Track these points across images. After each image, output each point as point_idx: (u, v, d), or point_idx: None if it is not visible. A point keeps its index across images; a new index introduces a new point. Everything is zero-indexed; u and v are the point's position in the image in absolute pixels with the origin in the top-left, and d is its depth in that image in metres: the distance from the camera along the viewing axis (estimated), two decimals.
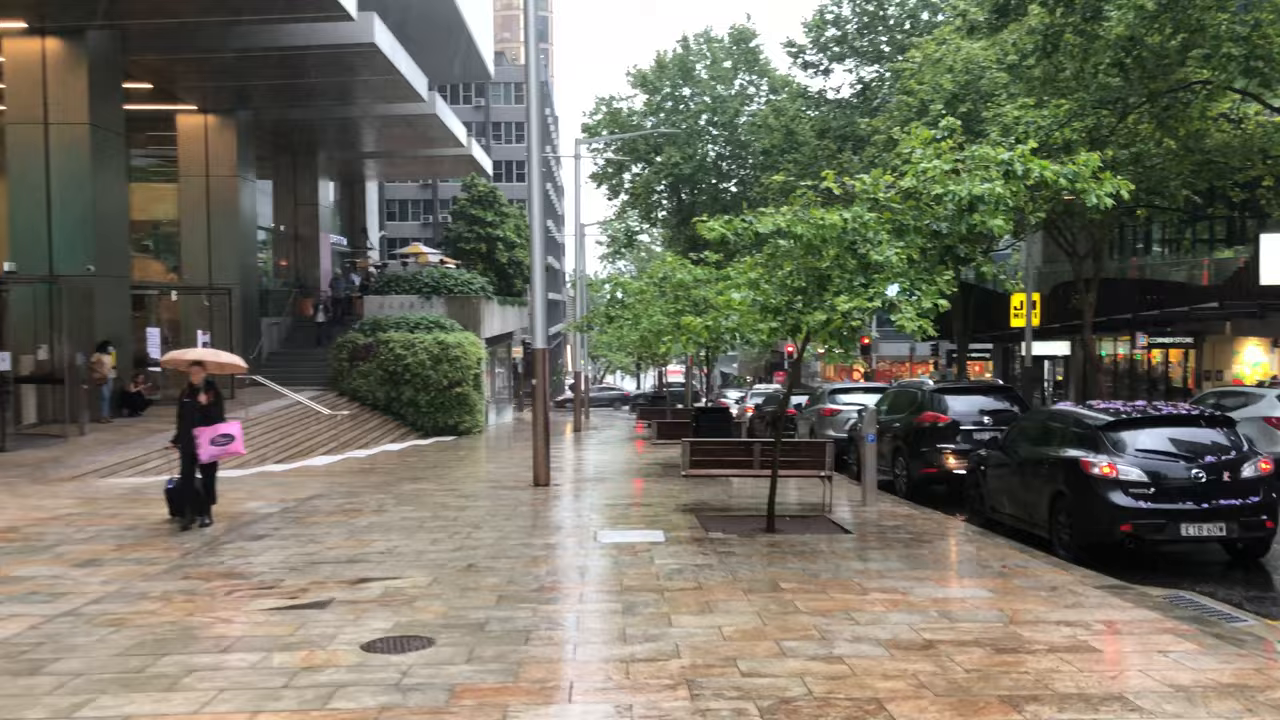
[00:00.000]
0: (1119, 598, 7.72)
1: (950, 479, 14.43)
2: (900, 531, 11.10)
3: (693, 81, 49.35)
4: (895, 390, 16.76)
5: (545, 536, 10.78)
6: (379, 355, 29.27)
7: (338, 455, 22.52)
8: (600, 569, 9.05)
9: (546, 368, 15.62)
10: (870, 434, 13.16)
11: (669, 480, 16.67)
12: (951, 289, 9.57)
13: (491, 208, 40.32)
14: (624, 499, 14.18)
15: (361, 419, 28.21)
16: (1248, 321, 26.75)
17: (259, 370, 29.86)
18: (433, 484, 16.06)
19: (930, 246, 10.04)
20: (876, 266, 9.67)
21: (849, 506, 13.10)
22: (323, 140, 36.10)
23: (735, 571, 8.76)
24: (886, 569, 8.89)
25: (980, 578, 8.53)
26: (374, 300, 33.09)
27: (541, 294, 15.50)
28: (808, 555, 9.56)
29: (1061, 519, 9.90)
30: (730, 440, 14.00)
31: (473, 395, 30.18)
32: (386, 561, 9.38)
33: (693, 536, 10.66)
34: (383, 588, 8.23)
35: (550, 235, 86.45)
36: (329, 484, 16.15)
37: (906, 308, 9.16)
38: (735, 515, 12.31)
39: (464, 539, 10.60)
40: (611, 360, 63.74)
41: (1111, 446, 9.56)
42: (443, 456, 22.33)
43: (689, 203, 49.24)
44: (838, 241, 9.76)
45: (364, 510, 12.84)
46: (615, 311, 24.89)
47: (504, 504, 13.38)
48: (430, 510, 12.79)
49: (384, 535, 10.88)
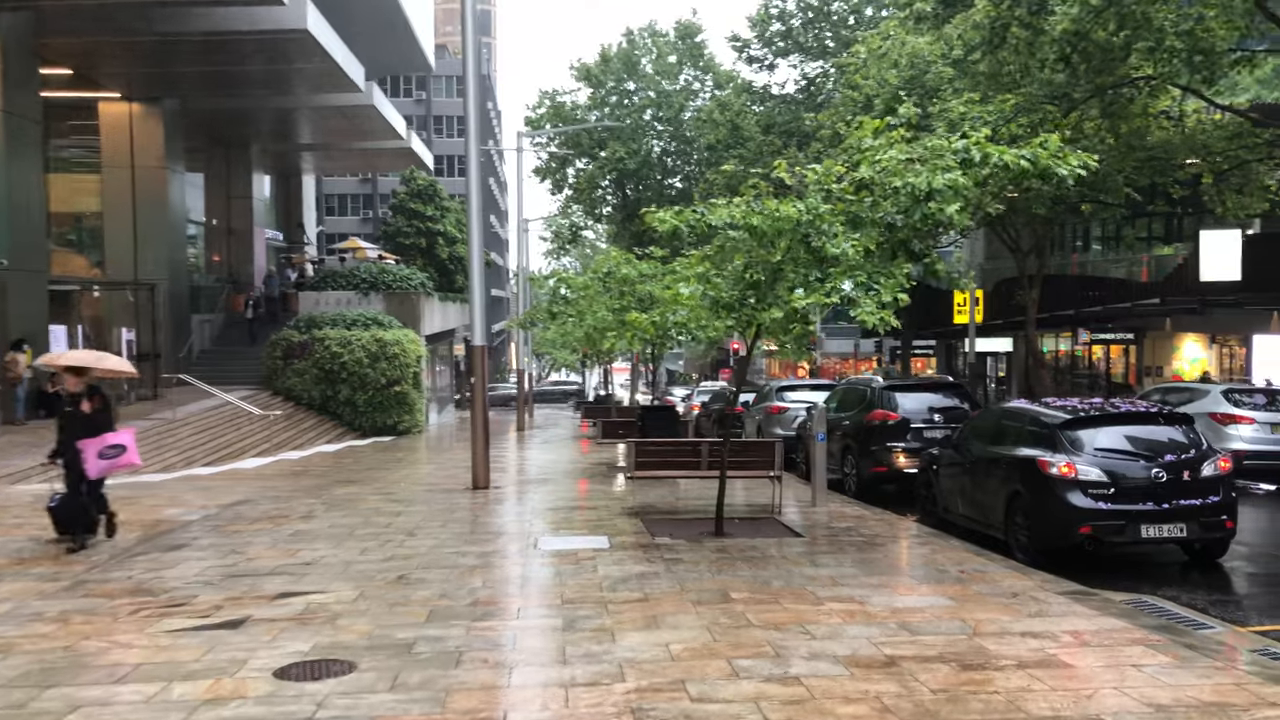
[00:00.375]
0: (1083, 604, 7.39)
1: (901, 478, 14.12)
2: (852, 534, 10.73)
3: (638, 76, 48.86)
4: (844, 387, 16.43)
5: (482, 544, 10.22)
6: (314, 353, 28.35)
7: (270, 457, 21.67)
8: (540, 579, 8.53)
9: (486, 365, 15.03)
10: (820, 433, 12.78)
11: (614, 481, 16.20)
12: (909, 284, 9.19)
13: (432, 202, 39.44)
14: (567, 502, 13.66)
15: (296, 419, 27.30)
16: (1187, 318, 27.00)
17: (189, 369, 28.88)
18: (367, 487, 15.39)
19: (884, 240, 9.68)
20: (832, 260, 9.27)
21: (798, 507, 12.72)
22: (256, 132, 34.98)
23: (683, 581, 8.29)
24: (841, 575, 8.48)
25: (938, 584, 8.16)
26: (309, 296, 32.12)
27: (481, 288, 14.91)
28: (758, 561, 9.12)
29: (1018, 520, 9.58)
30: (677, 440, 13.55)
31: (412, 394, 29.39)
32: (311, 574, 8.76)
33: (638, 542, 10.18)
34: (304, 604, 7.63)
35: (493, 231, 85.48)
36: (258, 488, 15.40)
37: (866, 301, 8.76)
38: (682, 518, 11.85)
39: (396, 548, 10.00)
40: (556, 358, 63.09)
41: (1069, 445, 9.26)
42: (380, 458, 21.60)
43: (634, 199, 48.74)
44: (791, 234, 9.34)
45: (291, 517, 12.16)
46: (559, 308, 24.34)
47: (440, 509, 12.78)
48: (362, 516, 12.15)
49: (310, 544, 10.24)
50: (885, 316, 8.78)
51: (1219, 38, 16.97)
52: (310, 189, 45.99)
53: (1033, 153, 9.38)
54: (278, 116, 32.92)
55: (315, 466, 19.65)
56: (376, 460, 20.93)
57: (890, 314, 8.83)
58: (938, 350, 44.70)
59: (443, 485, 15.64)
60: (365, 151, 40.24)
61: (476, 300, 14.94)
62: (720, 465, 11.04)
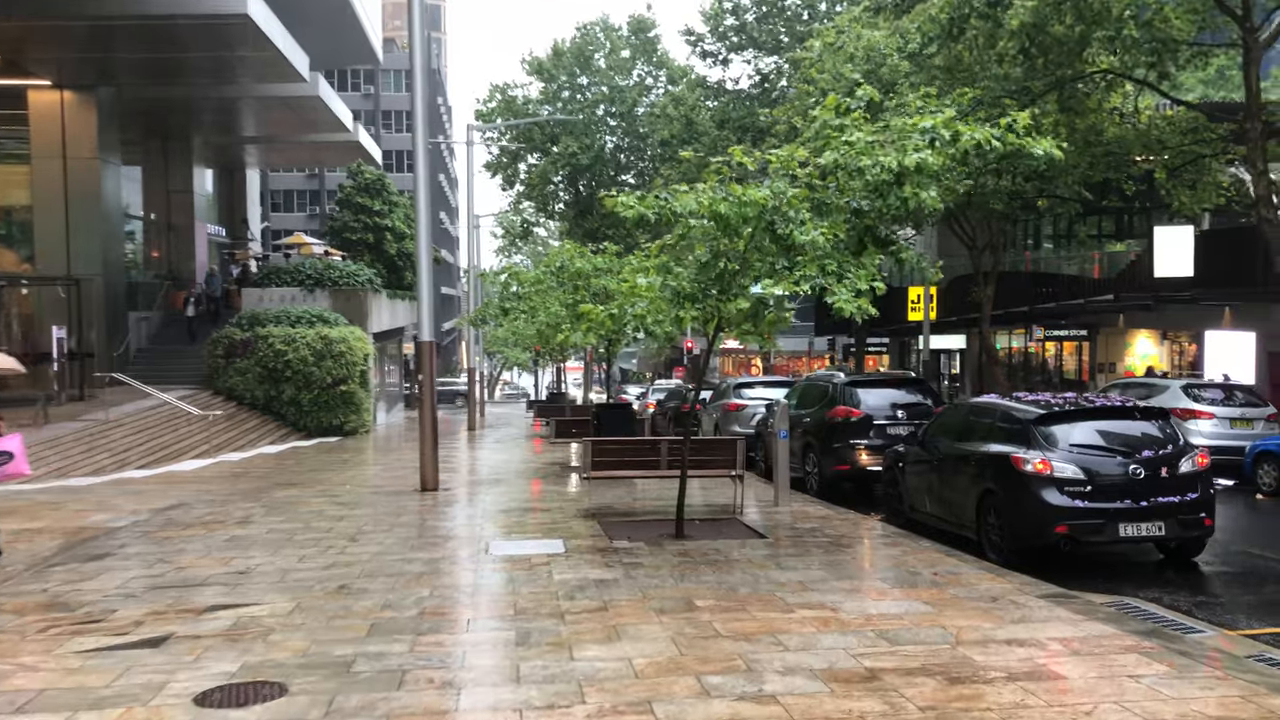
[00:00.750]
0: (1065, 608, 7.02)
1: (864, 476, 13.77)
2: (818, 535, 10.32)
3: (590, 71, 48.32)
4: (804, 384, 16.05)
5: (430, 549, 9.65)
6: (257, 351, 27.43)
7: (209, 459, 20.82)
8: (492, 588, 7.99)
9: (434, 362, 14.43)
10: (783, 430, 12.37)
11: (569, 482, 15.68)
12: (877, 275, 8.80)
13: (380, 196, 38.46)
14: (520, 503, 13.11)
15: (238, 419, 26.39)
16: (1140, 314, 27.07)
17: (126, 368, 27.82)
18: (309, 490, 14.71)
19: (850, 227, 9.27)
20: (799, 248, 8.84)
21: (760, 507, 12.29)
22: (197, 123, 33.83)
23: (644, 587, 7.80)
24: (810, 580, 8.05)
25: (913, 588, 7.75)
26: (253, 293, 31.13)
27: (429, 282, 14.30)
28: (723, 565, 8.66)
29: (991, 520, 9.23)
30: (635, 439, 13.06)
31: (359, 393, 28.58)
32: (244, 584, 8.14)
33: (595, 546, 9.67)
34: (234, 618, 7.02)
35: (442, 227, 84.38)
36: (194, 491, 14.65)
37: (840, 289, 8.33)
38: (641, 520, 11.36)
39: (337, 554, 9.40)
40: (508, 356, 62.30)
41: (1044, 441, 8.91)
42: (324, 459, 20.86)
43: (587, 195, 48.22)
44: (756, 221, 8.90)
45: (227, 522, 11.48)
46: (510, 304, 23.76)
47: (386, 512, 12.17)
48: (302, 521, 11.50)
49: (246, 551, 9.60)
50: (863, 304, 8.37)
51: (1176, 29, 16.87)
52: (255, 184, 44.78)
53: (1001, 133, 9.05)
54: (219, 107, 31.84)
55: (257, 468, 18.87)
56: (321, 461, 20.19)
57: (867, 301, 8.42)
58: (891, 348, 44.70)
59: (389, 487, 15.01)
60: (311, 145, 39.20)
61: (424, 295, 14.33)
62: (681, 465, 10.58)
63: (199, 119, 33.28)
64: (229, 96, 30.23)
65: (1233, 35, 18.95)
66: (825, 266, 8.72)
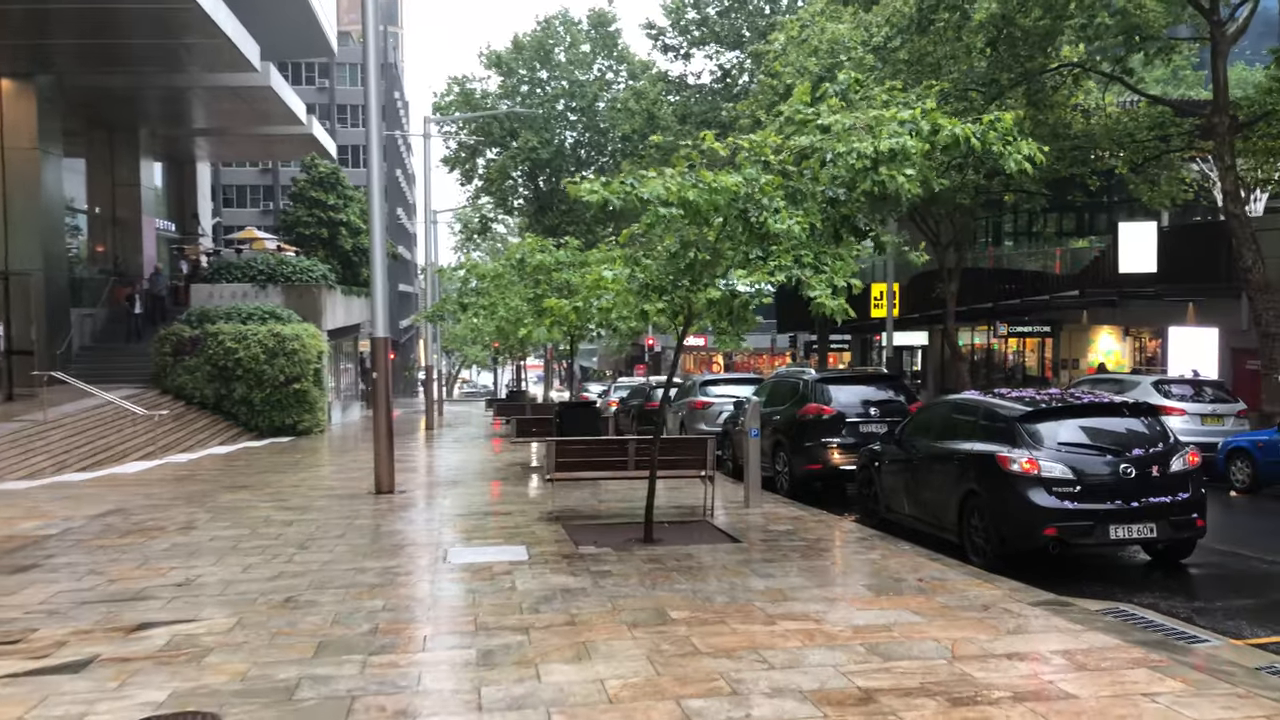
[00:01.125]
0: (1062, 617, 6.62)
1: (836, 475, 13.37)
2: (793, 538, 9.88)
3: (551, 65, 47.66)
4: (774, 381, 15.63)
5: (384, 558, 9.07)
6: (207, 349, 26.57)
7: (155, 461, 20.00)
8: (451, 599, 7.45)
9: (388, 359, 13.82)
10: (754, 429, 11.93)
11: (531, 483, 15.14)
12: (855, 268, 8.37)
13: (334, 190, 37.58)
14: (480, 507, 12.55)
15: (187, 419, 25.52)
16: (1104, 310, 27.04)
17: (68, 366, 26.82)
18: (258, 494, 14.03)
19: (826, 216, 8.84)
20: (773, 237, 8.39)
21: (731, 508, 11.84)
22: (144, 113, 32.76)
23: (614, 597, 7.31)
24: (789, 587, 7.60)
25: (898, 595, 7.33)
26: (203, 289, 30.22)
27: (383, 274, 13.69)
28: (696, 572, 8.19)
29: (974, 522, 8.84)
30: (601, 439, 12.55)
31: (313, 392, 27.78)
32: (182, 597, 7.54)
33: (561, 552, 9.16)
34: (168, 636, 6.43)
35: (399, 223, 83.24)
36: (135, 495, 13.91)
37: (818, 284, 7.88)
38: (608, 524, 10.87)
39: (285, 563, 8.80)
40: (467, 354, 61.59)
41: (1030, 440, 8.53)
42: (276, 460, 20.12)
43: (547, 190, 47.61)
44: (728, 209, 8.43)
45: (168, 528, 10.81)
46: (469, 299, 23.15)
47: (339, 517, 11.56)
48: (249, 527, 10.86)
49: (187, 561, 8.97)
50: (842, 303, 7.93)
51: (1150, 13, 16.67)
52: (206, 177, 43.60)
53: (982, 130, 8.66)
54: (167, 97, 30.82)
55: (204, 470, 18.11)
56: (272, 463, 19.46)
57: (844, 300, 7.99)
58: (853, 345, 44.57)
59: (343, 490, 14.38)
60: (264, 138, 38.19)
61: (379, 288, 13.71)
62: (649, 465, 10.09)
63: (146, 109, 32.23)
64: (177, 86, 29.26)
65: (1199, 29, 18.86)
66: (801, 257, 8.28)
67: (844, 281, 8.03)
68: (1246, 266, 17.31)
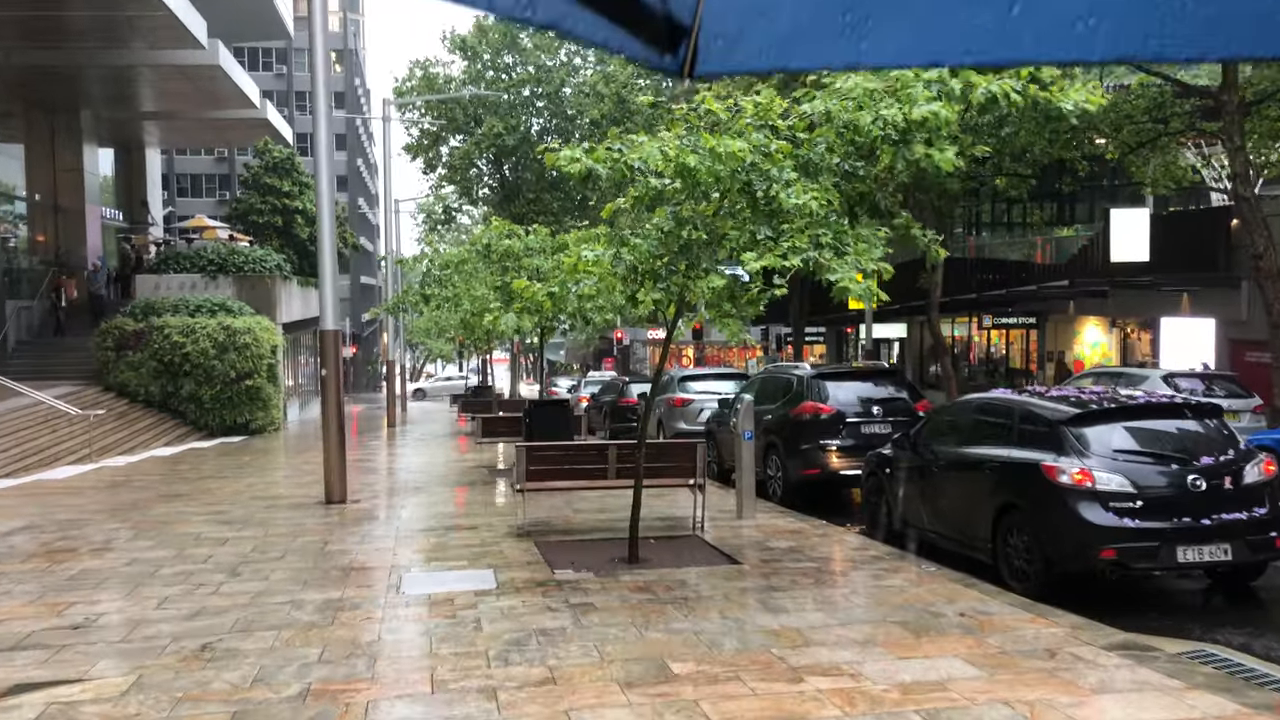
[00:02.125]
0: (1149, 667, 5.45)
1: (835, 481, 12.21)
2: (798, 557, 8.68)
3: (517, 50, 46.14)
4: (763, 376, 14.42)
5: (328, 586, 7.76)
6: (152, 343, 24.96)
7: (89, 465, 18.47)
8: (403, 646, 6.16)
9: (339, 353, 12.49)
10: (747, 430, 10.72)
11: (497, 489, 13.85)
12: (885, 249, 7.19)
13: (289, 177, 35.92)
14: (442, 519, 11.24)
15: (130, 418, 23.94)
16: (1091, 301, 26.13)
17: (4, 362, 25.18)
18: (194, 504, 12.62)
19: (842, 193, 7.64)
20: (784, 214, 7.18)
21: (722, 520, 10.63)
22: (86, 94, 30.94)
23: (601, 641, 6.06)
24: (808, 626, 6.39)
25: (941, 635, 6.14)
26: (149, 280, 28.54)
27: (331, 261, 12.34)
28: (694, 605, 6.96)
29: (1013, 541, 7.67)
30: (578, 445, 11.29)
31: (267, 388, 26.25)
32: (75, 645, 6.20)
33: (534, 578, 7.90)
34: (42, 705, 5.10)
35: (361, 212, 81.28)
36: (56, 507, 12.46)
37: (840, 266, 6.67)
38: (585, 540, 9.62)
39: (209, 595, 7.47)
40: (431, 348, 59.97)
41: (1080, 446, 7.36)
42: (222, 463, 18.66)
43: (513, 178, 46.15)
44: (731, 180, 7.20)
45: (80, 550, 9.42)
46: (432, 290, 21.80)
47: (281, 533, 10.21)
48: (175, 547, 9.49)
49: (93, 593, 7.62)
50: (872, 288, 6.73)
51: None
52: (156, 164, 41.70)
53: (1023, 84, 7.50)
54: (109, 76, 29.07)
55: (142, 475, 16.63)
56: (217, 466, 18.01)
57: (875, 284, 6.80)
58: (827, 337, 43.59)
59: (290, 498, 13.01)
60: (216, 123, 36.43)
61: (327, 277, 12.37)
62: (634, 474, 8.84)
63: (87, 90, 30.43)
64: (119, 64, 27.53)
65: None
66: (819, 238, 7.06)
67: (872, 265, 6.82)
68: (1257, 253, 16.33)
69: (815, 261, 6.85)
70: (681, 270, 7.38)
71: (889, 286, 25.17)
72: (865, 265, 6.79)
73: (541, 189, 45.82)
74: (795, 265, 6.83)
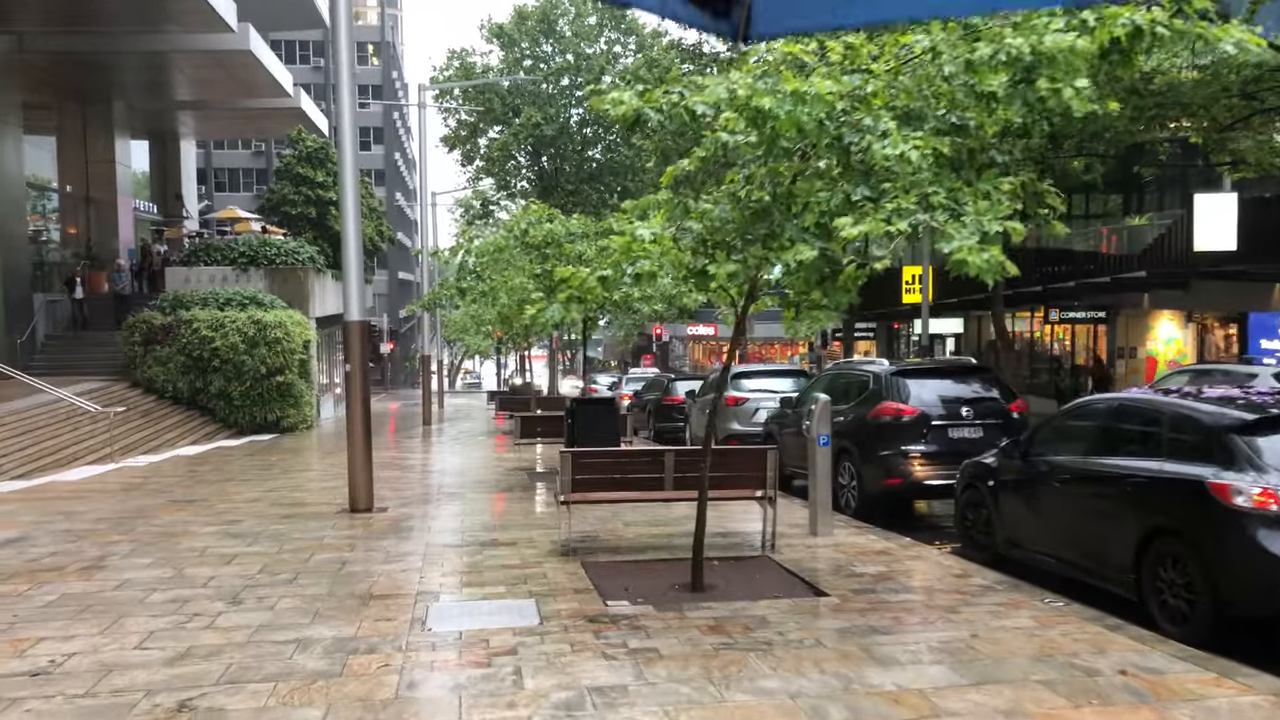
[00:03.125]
0: None
1: (919, 492, 10.85)
2: (895, 586, 7.37)
3: (555, 38, 45.06)
4: (832, 374, 13.04)
5: (341, 621, 6.56)
6: (180, 337, 24.08)
7: (109, 465, 17.53)
8: (425, 709, 4.94)
9: (365, 346, 11.36)
10: (823, 434, 9.40)
11: (536, 495, 12.63)
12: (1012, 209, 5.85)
13: (323, 167, 35.01)
14: (477, 532, 10.03)
15: (156, 415, 23.06)
16: (1168, 293, 24.47)
17: (31, 357, 24.48)
18: (207, 511, 11.52)
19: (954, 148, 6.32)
20: (881, 171, 5.87)
21: (793, 537, 9.34)
22: (118, 84, 30.21)
23: (673, 707, 4.81)
24: (933, 687, 5.09)
25: (1109, 706, 4.81)
26: (179, 273, 27.71)
27: (356, 245, 11.22)
28: (783, 654, 5.68)
29: (1166, 574, 6.30)
30: (630, 451, 10.07)
31: (298, 385, 25.28)
32: (27, 701, 5.05)
33: (583, 611, 6.66)
34: None
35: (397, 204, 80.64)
36: (57, 515, 11.40)
37: (956, 231, 5.37)
38: (639, 560, 8.37)
39: (202, 629, 6.31)
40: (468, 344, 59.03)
41: (1257, 460, 5.98)
42: (247, 463, 17.63)
43: (551, 170, 45.10)
44: (818, 132, 5.90)
45: (68, 568, 8.31)
46: (468, 283, 20.70)
47: (295, 548, 9.06)
48: (175, 565, 8.36)
49: (68, 626, 6.48)
50: (995, 256, 5.41)
51: None
52: (191, 157, 41.04)
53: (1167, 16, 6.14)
54: (140, 64, 28.25)
55: (161, 477, 15.63)
56: (241, 467, 16.97)
57: (999, 250, 5.48)
58: (878, 333, 42.02)
59: (313, 505, 11.90)
60: (249, 112, 35.63)
61: (352, 264, 11.25)
62: (699, 485, 7.58)
63: (119, 78, 29.70)
64: (150, 50, 26.69)
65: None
66: (929, 196, 5.74)
67: (997, 226, 5.50)
68: None
69: (925, 226, 5.53)
70: (760, 238, 6.07)
71: (941, 279, 23.59)
72: (989, 227, 5.46)
73: (581, 180, 44.73)
74: (902, 232, 5.52)
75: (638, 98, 5.93)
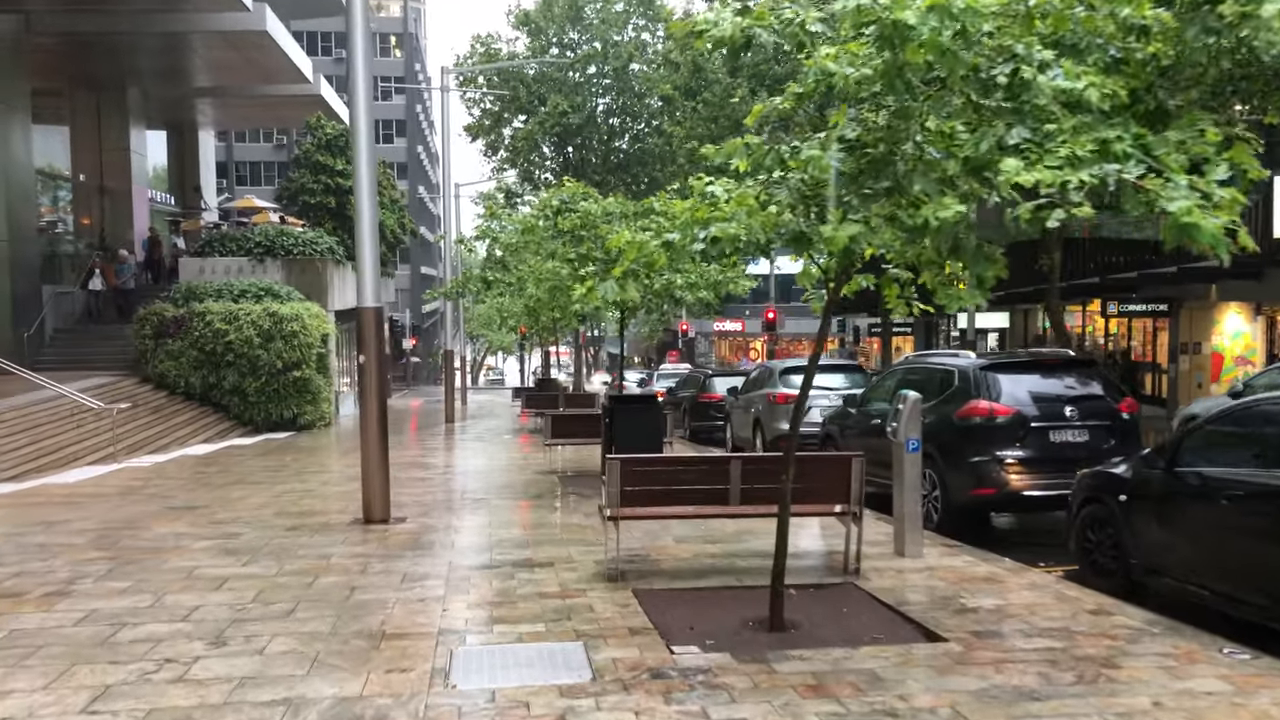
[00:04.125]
0: None
1: (1017, 505, 9.46)
2: (1024, 628, 6.01)
3: (582, 25, 43.78)
4: (906, 368, 11.62)
5: (344, 671, 5.26)
6: (193, 330, 22.95)
7: (112, 465, 16.38)
8: None
9: (381, 336, 10.11)
10: (912, 438, 8.04)
11: (572, 505, 11.30)
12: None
13: (342, 155, 33.84)
14: (508, 550, 8.72)
15: (167, 412, 21.94)
16: (1239, 284, 22.87)
17: (40, 350, 23.47)
18: (204, 521, 10.27)
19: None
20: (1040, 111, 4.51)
21: (878, 558, 7.98)
22: (132, 69, 29.15)
23: None
24: None
25: None
26: (193, 264, 26.60)
27: (371, 226, 9.97)
28: None
29: None
30: (688, 458, 8.75)
31: (316, 380, 24.10)
32: None
33: (643, 660, 5.34)
34: None
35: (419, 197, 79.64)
36: (36, 525, 10.19)
37: (1164, 192, 4.01)
38: (700, 588, 7.04)
39: (171, 683, 5.03)
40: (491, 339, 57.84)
41: None
42: (257, 465, 16.43)
43: (577, 161, 43.82)
44: (953, 60, 4.53)
45: (30, 594, 7.07)
46: (494, 275, 19.45)
47: (299, 569, 7.79)
48: (155, 590, 7.10)
49: (5, 678, 5.23)
50: (1227, 219, 4.04)
51: None
52: (209, 148, 40.01)
53: None
54: (154, 46, 27.10)
55: (163, 479, 14.44)
56: (251, 468, 15.77)
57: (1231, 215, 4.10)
58: (916, 329, 40.46)
59: (321, 515, 10.63)
60: (267, 99, 34.54)
61: (366, 247, 9.99)
62: (779, 499, 6.26)
63: (133, 63, 28.63)
64: (160, 31, 25.56)
65: None
66: (1108, 144, 4.36)
67: (1216, 188, 4.14)
68: None
69: (1119, 180, 4.16)
70: (882, 192, 4.71)
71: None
72: (1208, 188, 4.10)
73: (608, 170, 43.48)
74: (1086, 183, 4.16)
75: (744, 16, 4.58)
